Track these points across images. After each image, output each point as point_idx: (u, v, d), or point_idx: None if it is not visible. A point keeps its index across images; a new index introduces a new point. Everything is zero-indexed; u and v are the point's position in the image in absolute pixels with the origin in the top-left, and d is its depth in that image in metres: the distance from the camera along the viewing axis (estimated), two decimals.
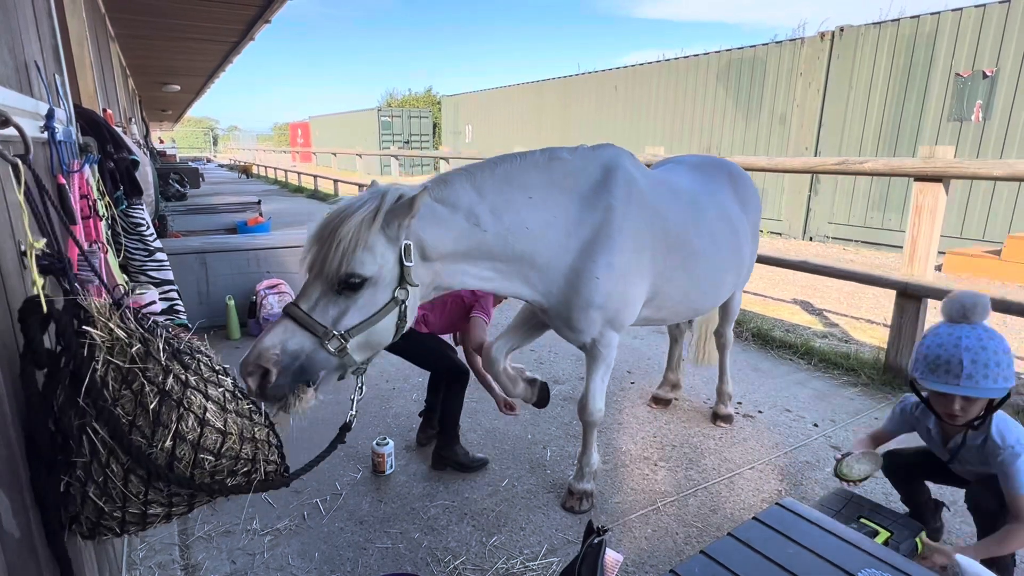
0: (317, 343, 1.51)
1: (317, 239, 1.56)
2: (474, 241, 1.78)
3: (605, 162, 2.04)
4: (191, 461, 1.01)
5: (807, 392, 3.55)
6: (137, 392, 0.97)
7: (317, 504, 2.41)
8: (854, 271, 3.94)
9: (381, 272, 1.58)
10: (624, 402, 3.42)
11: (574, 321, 2.05)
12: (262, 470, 1.15)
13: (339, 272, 1.51)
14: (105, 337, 0.99)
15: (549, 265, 1.94)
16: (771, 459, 2.79)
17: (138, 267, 2.70)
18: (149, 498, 1.01)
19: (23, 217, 1.00)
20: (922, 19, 8.31)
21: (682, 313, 2.43)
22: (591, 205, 1.96)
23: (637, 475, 2.65)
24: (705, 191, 2.50)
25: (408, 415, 3.21)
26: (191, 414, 1.00)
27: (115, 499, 0.98)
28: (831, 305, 5.61)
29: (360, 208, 1.56)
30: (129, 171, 2.64)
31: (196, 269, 4.58)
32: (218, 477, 1.06)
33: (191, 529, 2.24)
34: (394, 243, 1.60)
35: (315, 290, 1.54)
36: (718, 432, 3.05)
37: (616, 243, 1.97)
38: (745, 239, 2.62)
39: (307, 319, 1.50)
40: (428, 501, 2.44)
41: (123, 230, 2.59)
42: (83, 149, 2.10)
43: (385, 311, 1.60)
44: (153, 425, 0.97)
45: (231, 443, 1.07)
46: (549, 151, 1.98)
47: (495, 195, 1.82)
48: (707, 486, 2.56)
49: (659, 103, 12.36)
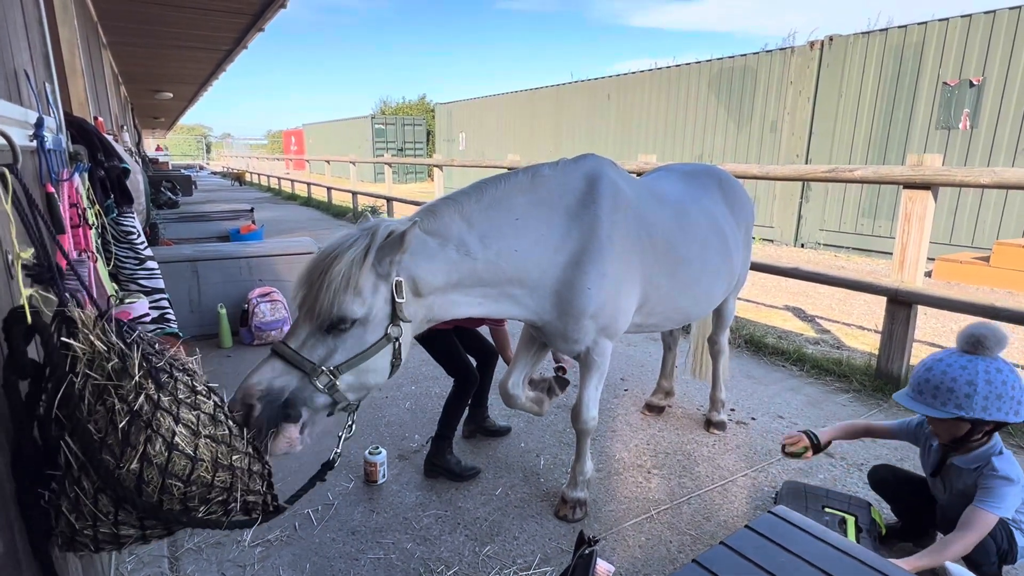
0: (304, 379, 1.48)
1: (307, 279, 1.54)
2: (465, 271, 1.78)
3: (587, 173, 2.04)
4: (159, 486, 0.98)
5: (800, 399, 3.56)
6: (110, 409, 0.95)
7: (309, 514, 2.39)
8: (845, 278, 3.96)
9: (371, 312, 1.56)
10: (618, 409, 3.41)
11: (569, 332, 2.05)
12: (239, 499, 1.11)
13: (328, 314, 1.50)
14: (87, 349, 0.97)
15: (539, 283, 1.94)
16: (764, 466, 2.79)
17: (128, 275, 2.68)
18: (120, 519, 0.98)
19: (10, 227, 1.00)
20: (909, 29, 8.43)
21: (672, 319, 2.43)
22: (577, 217, 1.96)
23: (631, 483, 2.64)
24: (693, 198, 2.51)
25: (401, 423, 3.20)
26: (159, 437, 0.97)
27: (86, 517, 0.96)
28: (823, 311, 5.64)
29: (350, 247, 1.54)
30: (120, 179, 2.62)
31: (187, 277, 4.55)
32: (190, 504, 1.03)
33: (180, 541, 2.21)
34: (385, 280, 1.58)
35: (304, 329, 1.52)
36: (711, 439, 3.05)
37: (605, 253, 1.97)
38: (736, 246, 2.63)
39: (295, 356, 1.48)
40: (421, 511, 2.43)
41: (113, 238, 2.57)
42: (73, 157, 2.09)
43: (376, 348, 1.58)
44: (122, 445, 0.94)
45: (202, 471, 1.03)
46: (532, 170, 1.98)
47: (483, 222, 1.82)
48: (700, 493, 2.56)
49: (651, 111, 12.44)
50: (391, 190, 13.89)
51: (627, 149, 12.93)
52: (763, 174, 4.55)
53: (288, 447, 1.45)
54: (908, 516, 2.21)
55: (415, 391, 3.58)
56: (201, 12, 6.27)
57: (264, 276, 4.80)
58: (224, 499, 1.08)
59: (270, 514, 1.21)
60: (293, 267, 4.91)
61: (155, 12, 6.24)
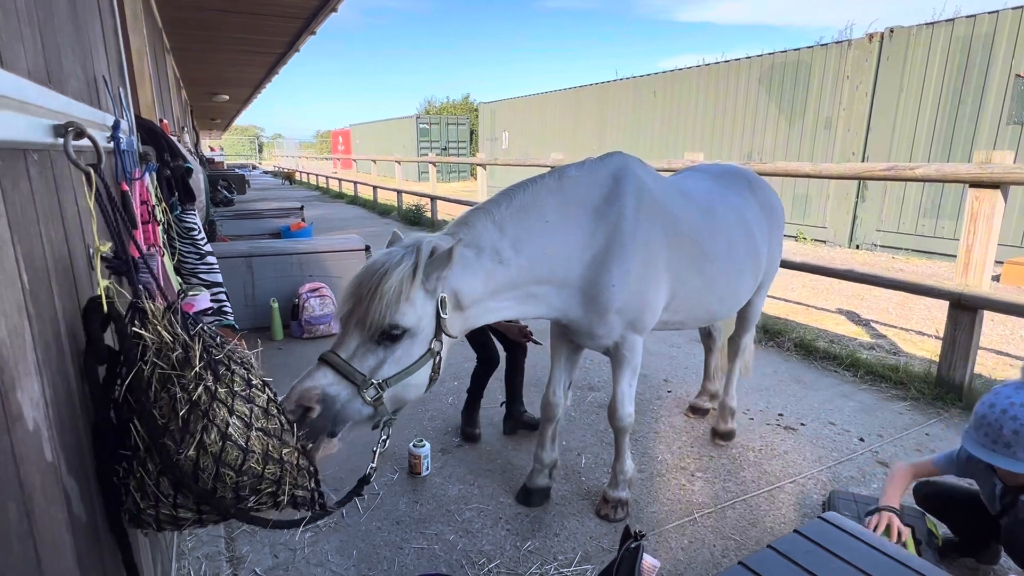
0: (354, 391, 1.52)
1: (355, 294, 1.58)
2: (500, 277, 1.81)
3: (614, 171, 2.04)
4: (213, 474, 1.02)
5: (852, 405, 3.44)
6: (173, 397, 1.00)
7: (356, 503, 2.47)
8: (904, 280, 3.80)
9: (420, 324, 1.60)
10: (661, 411, 3.38)
11: (595, 327, 2.06)
12: (287, 492, 1.14)
13: (381, 323, 1.53)
14: (155, 339, 1.03)
15: (566, 281, 1.95)
16: (813, 473, 2.71)
17: (190, 270, 2.82)
18: (178, 502, 1.03)
19: (92, 222, 1.07)
20: (979, 18, 7.98)
21: (699, 316, 2.40)
22: (603, 216, 1.97)
23: (674, 485, 2.62)
24: (721, 196, 2.48)
25: (444, 418, 3.25)
26: (215, 427, 1.02)
27: (149, 497, 1.02)
28: (879, 316, 5.42)
29: (399, 264, 1.58)
30: (184, 178, 2.76)
31: (243, 272, 4.75)
32: (241, 493, 1.07)
33: (236, 522, 2.32)
34: (432, 296, 1.62)
35: (353, 340, 1.56)
36: (758, 444, 2.98)
37: (628, 249, 1.97)
38: (763, 245, 2.58)
39: (346, 367, 1.52)
40: (463, 504, 2.47)
41: (177, 234, 2.71)
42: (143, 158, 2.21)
43: (421, 362, 1.62)
44: (182, 432, 1.00)
45: (252, 462, 1.07)
46: (558, 171, 2.00)
47: (514, 228, 1.84)
48: (746, 498, 2.51)
49: (699, 108, 12.19)
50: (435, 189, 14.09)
51: (673, 147, 12.70)
52: (817, 172, 4.40)
53: (325, 459, 1.50)
54: (963, 531, 2.10)
55: (457, 386, 3.63)
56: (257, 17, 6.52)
57: (314, 272, 4.96)
58: (273, 491, 1.11)
59: (317, 515, 1.25)
60: (341, 263, 5.06)
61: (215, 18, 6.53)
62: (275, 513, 1.18)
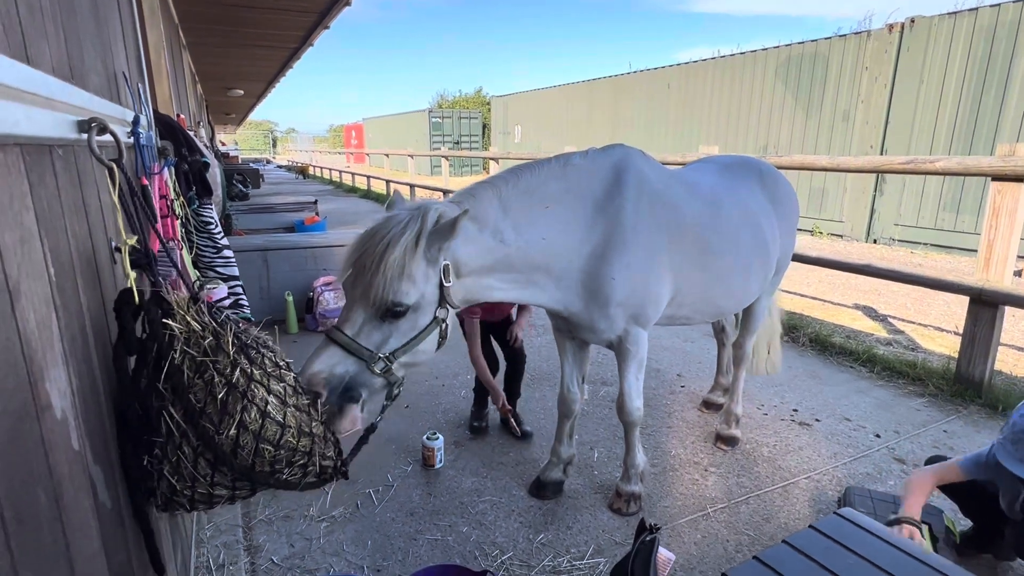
0: (363, 366, 1.55)
1: (358, 262, 1.58)
2: (498, 257, 1.82)
3: (615, 163, 2.03)
4: (253, 450, 1.07)
5: (868, 401, 3.40)
6: (208, 382, 1.04)
7: (370, 494, 2.50)
8: (923, 275, 3.74)
9: (423, 298, 1.62)
10: (674, 405, 3.37)
11: (596, 321, 2.05)
12: (318, 463, 1.20)
13: (384, 301, 1.55)
14: (183, 329, 1.06)
15: (566, 272, 1.95)
16: (828, 469, 2.69)
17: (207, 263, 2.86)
18: (215, 480, 1.08)
19: (117, 216, 1.09)
20: (1003, 7, 7.79)
21: (704, 311, 2.39)
22: (602, 208, 1.96)
23: (687, 479, 2.61)
24: (728, 189, 2.45)
25: (457, 411, 3.28)
26: (254, 406, 1.06)
27: (186, 478, 1.06)
28: (897, 311, 5.35)
29: (403, 232, 1.58)
30: (201, 173, 2.80)
31: (258, 266, 4.80)
32: (277, 467, 1.12)
33: (253, 512, 2.36)
34: (434, 265, 1.63)
35: (358, 315, 1.58)
36: (772, 439, 2.97)
37: (629, 243, 1.96)
38: (773, 239, 2.55)
39: (353, 344, 1.54)
40: (476, 496, 2.49)
41: (195, 228, 2.75)
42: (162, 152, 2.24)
43: (428, 331, 1.65)
44: (220, 414, 1.03)
45: (289, 436, 1.12)
46: (563, 158, 2.00)
47: (517, 209, 1.85)
48: (760, 494, 2.50)
49: (714, 101, 12.06)
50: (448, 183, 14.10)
51: (688, 140, 12.59)
52: (834, 166, 4.34)
53: (351, 426, 1.53)
54: (979, 517, 2.08)
55: (471, 380, 3.64)
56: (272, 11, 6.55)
57: (328, 266, 5.00)
58: (304, 463, 1.17)
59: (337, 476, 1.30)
60: None
61: (231, 13, 6.57)
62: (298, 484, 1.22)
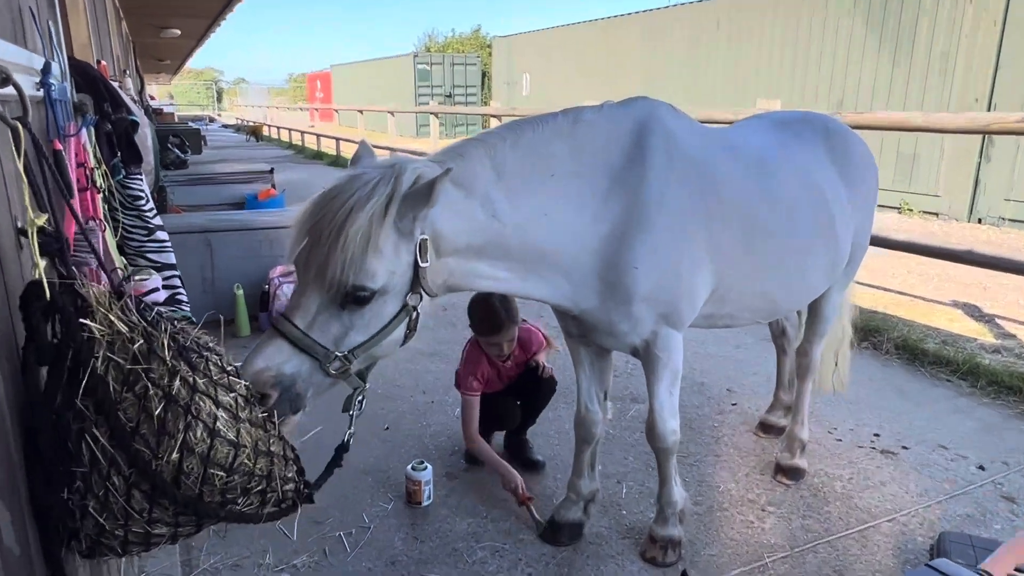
0: (316, 366, 1.55)
1: (313, 231, 1.57)
2: (490, 235, 1.80)
3: (638, 120, 2.02)
4: (200, 477, 1.07)
5: (970, 424, 3.40)
6: (140, 395, 1.04)
7: (341, 538, 2.51)
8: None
9: (393, 279, 1.61)
10: (723, 428, 3.37)
11: (616, 322, 2.05)
12: (279, 488, 1.22)
13: (344, 284, 1.54)
14: (105, 330, 1.06)
15: (576, 258, 1.94)
16: (918, 509, 2.69)
17: (136, 248, 2.87)
18: (153, 516, 1.08)
19: (24, 189, 1.10)
20: None
21: (753, 308, 2.38)
22: (621, 177, 1.95)
23: (739, 521, 2.62)
24: (783, 153, 2.44)
25: (450, 434, 3.29)
26: (200, 423, 1.07)
27: (117, 516, 1.06)
28: (1006, 310, 5.32)
29: (369, 197, 1.55)
30: (128, 134, 2.81)
31: (200, 251, 4.82)
32: (230, 496, 1.13)
33: (195, 560, 2.38)
34: (408, 239, 1.62)
35: (312, 301, 1.57)
36: (847, 472, 2.97)
37: (656, 222, 1.95)
38: (844, 218, 2.53)
39: (305, 340, 1.53)
40: (473, 541, 2.50)
41: (120, 204, 2.76)
42: (79, 109, 2.25)
43: (395, 323, 1.65)
44: (158, 434, 1.04)
45: (244, 457, 1.13)
46: (573, 113, 1.99)
47: (515, 175, 1.83)
48: (831, 540, 2.51)
49: (775, 43, 11.98)
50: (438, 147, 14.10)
51: (742, 93, 12.51)
52: (928, 125, 4.31)
53: (290, 436, 1.54)
54: None
55: None
56: None
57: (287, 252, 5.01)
58: (263, 489, 1.18)
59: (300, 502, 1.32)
60: None
61: None
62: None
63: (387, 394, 3.69)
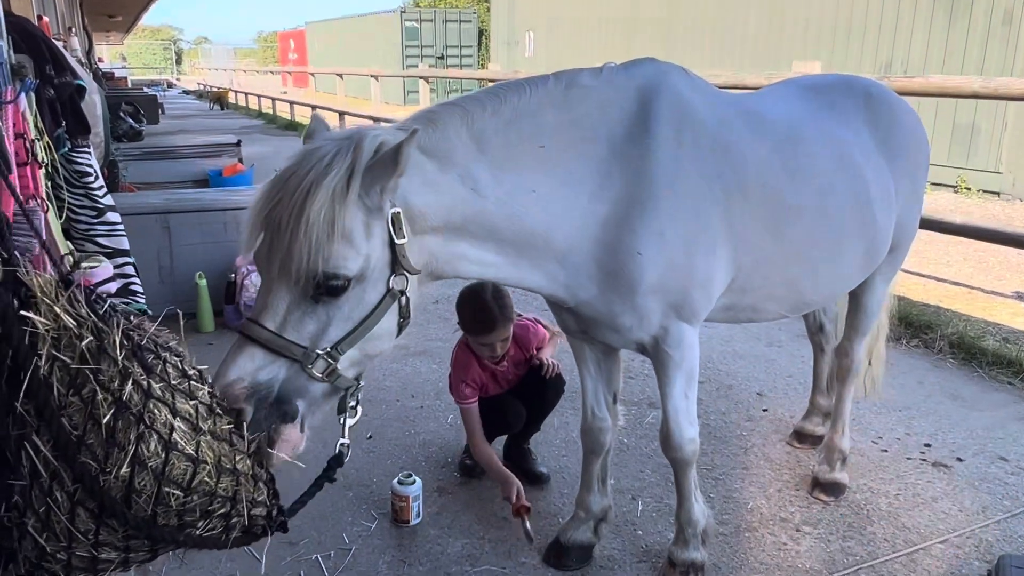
0: (296, 369, 1.55)
1: (270, 220, 1.57)
2: (471, 212, 1.80)
3: (642, 85, 2.01)
4: (153, 495, 1.07)
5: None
6: (87, 400, 1.03)
7: (318, 561, 2.52)
8: None
9: (369, 262, 1.61)
10: (752, 437, 3.38)
11: (619, 315, 2.05)
12: (245, 512, 1.21)
13: (313, 275, 1.53)
14: (50, 325, 1.06)
15: (572, 242, 1.94)
16: (975, 530, 2.70)
17: (84, 232, 2.88)
18: (101, 539, 1.08)
19: None
20: None
21: (781, 300, 2.39)
22: (623, 151, 1.95)
23: (770, 543, 2.63)
24: (813, 124, 2.43)
25: (441, 443, 3.30)
26: (154, 434, 1.06)
27: (59, 536, 1.06)
28: None
29: (327, 172, 1.54)
30: (73, 101, 2.80)
31: (157, 235, 4.81)
32: (188, 518, 1.12)
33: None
34: (378, 215, 1.61)
35: (280, 299, 1.56)
36: (894, 487, 2.98)
37: (663, 202, 1.95)
38: (884, 197, 2.52)
39: (278, 341, 1.53)
40: (469, 565, 2.51)
41: (66, 181, 2.76)
42: (16, 72, 2.25)
43: (381, 310, 1.64)
44: (106, 445, 1.03)
45: (204, 475, 1.12)
46: (567, 76, 1.98)
47: (499, 146, 1.83)
48: (875, 564, 2.52)
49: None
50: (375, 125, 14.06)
51: (776, 53, 12.48)
52: (989, 91, 4.29)
53: (291, 451, 1.54)
54: None
55: None
56: None
57: None
58: (226, 512, 1.17)
59: (272, 529, 1.33)
60: None
61: None
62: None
63: (371, 398, 3.70)
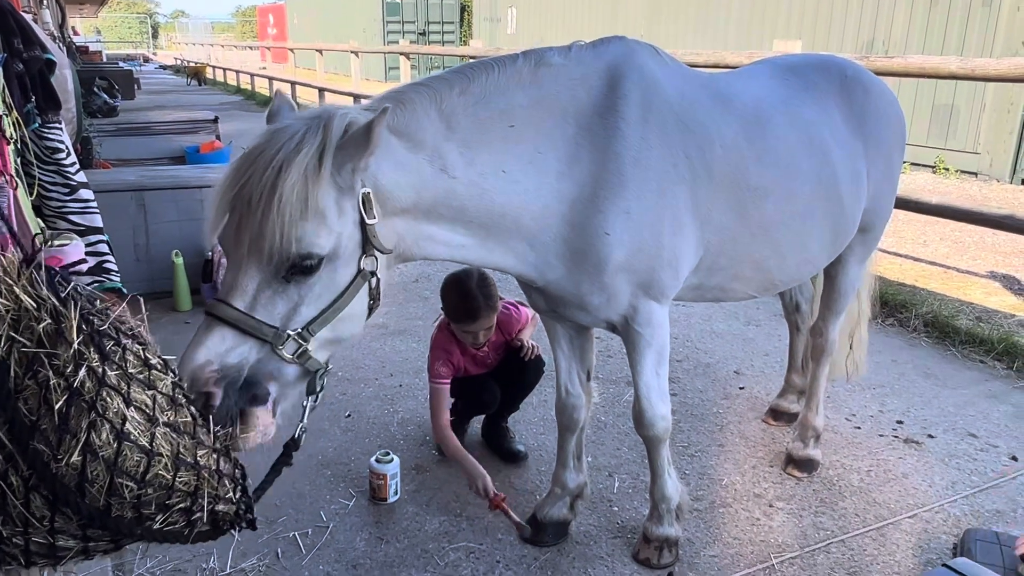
0: (267, 350, 1.55)
1: (238, 200, 1.56)
2: (440, 192, 1.80)
3: (611, 63, 2.02)
4: (106, 486, 1.05)
5: (1004, 410, 3.46)
6: (42, 385, 1.02)
7: (295, 539, 2.53)
8: None
9: (341, 241, 1.61)
10: (728, 415, 3.42)
11: (587, 294, 2.07)
12: (205, 507, 1.19)
13: (287, 253, 1.52)
14: (10, 305, 1.04)
15: (540, 222, 1.96)
16: (943, 504, 2.75)
17: (56, 209, 2.84)
18: (56, 526, 1.07)
19: None
20: None
21: (747, 278, 2.41)
22: (591, 129, 1.96)
23: (743, 519, 2.67)
24: (783, 103, 2.44)
25: (420, 422, 3.31)
26: (105, 423, 1.04)
27: (15, 521, 1.05)
28: None
29: (298, 150, 1.54)
30: (43, 75, 2.75)
31: (132, 213, 4.76)
32: (145, 511, 1.11)
33: (129, 565, 2.39)
34: (350, 195, 1.62)
35: (249, 278, 1.56)
36: (865, 463, 3.03)
37: (630, 181, 1.96)
38: (854, 179, 2.54)
39: (248, 321, 1.53)
40: (446, 542, 2.53)
41: (36, 158, 2.72)
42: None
43: (352, 291, 1.65)
44: (59, 432, 1.02)
45: (160, 469, 1.10)
46: (535, 55, 1.99)
47: (468, 126, 1.83)
48: (845, 539, 2.56)
49: None
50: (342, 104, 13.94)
51: (759, 33, 12.46)
52: (967, 72, 4.31)
53: (263, 436, 1.54)
54: None
55: None
56: None
57: None
58: (187, 507, 1.16)
59: (240, 526, 1.31)
60: None
61: None
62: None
63: (349, 377, 3.70)
